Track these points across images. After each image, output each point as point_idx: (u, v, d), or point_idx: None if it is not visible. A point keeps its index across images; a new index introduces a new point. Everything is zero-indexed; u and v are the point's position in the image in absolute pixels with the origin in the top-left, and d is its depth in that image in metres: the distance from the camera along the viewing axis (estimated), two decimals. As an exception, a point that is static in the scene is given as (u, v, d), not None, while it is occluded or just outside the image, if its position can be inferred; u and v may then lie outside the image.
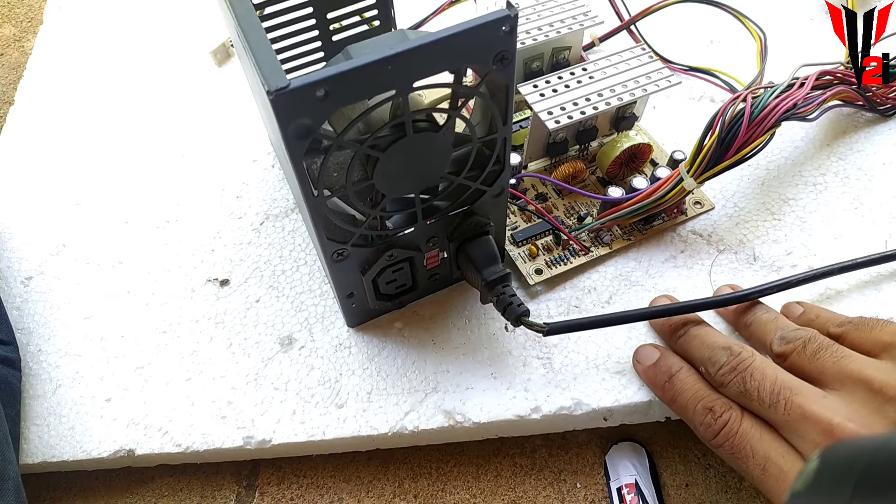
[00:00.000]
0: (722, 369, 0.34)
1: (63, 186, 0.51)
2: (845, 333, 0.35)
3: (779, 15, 0.57)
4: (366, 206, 0.35)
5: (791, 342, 0.34)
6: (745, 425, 0.32)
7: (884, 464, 0.23)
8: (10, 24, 0.68)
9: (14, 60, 0.65)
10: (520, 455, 0.41)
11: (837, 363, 0.32)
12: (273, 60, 0.28)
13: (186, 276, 0.46)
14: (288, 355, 0.42)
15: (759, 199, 0.46)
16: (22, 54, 0.65)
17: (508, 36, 0.30)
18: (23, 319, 0.45)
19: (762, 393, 0.32)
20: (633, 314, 0.38)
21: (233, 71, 0.57)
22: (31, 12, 0.69)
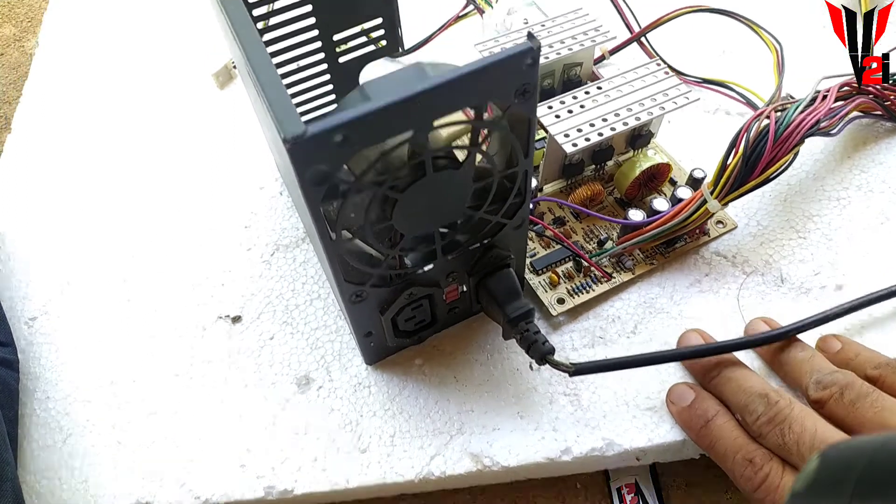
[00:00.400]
0: (759, 420, 0.33)
1: (65, 219, 0.50)
2: (883, 377, 0.34)
3: (790, 23, 0.56)
4: (384, 247, 0.33)
5: (828, 388, 0.33)
6: (787, 479, 0.31)
7: (883, 464, 0.23)
8: (10, 23, 0.67)
9: (14, 60, 0.64)
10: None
11: (878, 415, 0.31)
12: (287, 103, 0.27)
13: (197, 313, 0.45)
14: (306, 396, 0.41)
15: (783, 217, 0.45)
16: (22, 54, 0.64)
17: (531, 69, 0.29)
18: (28, 363, 0.43)
19: (801, 447, 0.31)
20: (662, 355, 0.36)
21: (235, 93, 0.56)
22: (31, 12, 0.68)
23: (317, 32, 0.44)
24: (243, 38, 0.29)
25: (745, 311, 0.41)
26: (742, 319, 0.40)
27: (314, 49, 0.45)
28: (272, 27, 0.42)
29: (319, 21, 0.43)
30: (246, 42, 0.28)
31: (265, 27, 0.42)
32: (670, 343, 0.40)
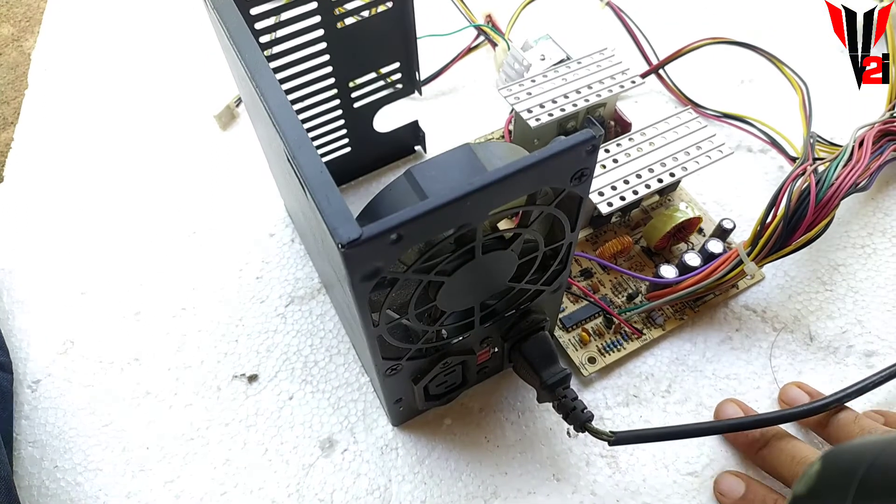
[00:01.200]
0: None
1: (66, 274, 0.47)
2: None
3: (808, 48, 0.56)
4: (424, 324, 0.32)
5: None
6: None
7: (886, 466, 0.23)
8: (9, 23, 0.64)
9: (12, 60, 0.60)
10: None
11: None
12: (339, 204, 0.25)
13: (210, 371, 0.43)
14: (330, 460, 0.39)
15: (809, 267, 0.44)
16: (20, 54, 0.61)
17: (591, 155, 0.27)
18: (34, 430, 0.41)
19: None
20: (704, 427, 0.36)
21: (239, 134, 0.53)
22: (30, 12, 0.65)
23: (333, 80, 0.42)
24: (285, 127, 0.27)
25: (777, 371, 0.40)
26: (775, 381, 0.40)
27: (330, 96, 0.43)
28: (287, 78, 0.40)
29: (336, 69, 0.41)
30: (288, 130, 0.26)
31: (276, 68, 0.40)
32: (705, 403, 0.40)
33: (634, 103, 0.53)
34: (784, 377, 0.40)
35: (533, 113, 0.43)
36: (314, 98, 0.42)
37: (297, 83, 0.41)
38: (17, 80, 0.55)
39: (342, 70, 0.42)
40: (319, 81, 0.42)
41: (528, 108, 0.43)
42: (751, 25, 0.57)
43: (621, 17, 0.53)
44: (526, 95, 0.44)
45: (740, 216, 0.46)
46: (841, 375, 0.40)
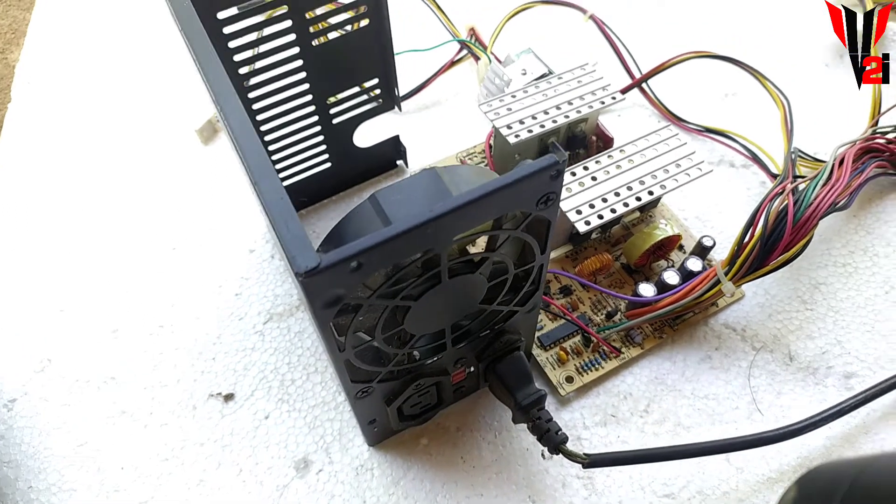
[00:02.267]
0: None
1: (44, 291, 0.47)
2: None
3: (793, 63, 0.55)
4: (394, 348, 0.32)
5: None
6: None
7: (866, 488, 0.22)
8: None
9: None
10: None
11: None
12: (298, 231, 0.25)
13: (186, 391, 0.42)
14: (305, 481, 0.39)
15: (790, 285, 0.44)
16: (5, 66, 0.61)
17: (555, 180, 0.27)
18: (8, 450, 0.41)
19: None
20: (679, 451, 0.35)
21: (220, 149, 0.53)
22: (16, 24, 0.66)
23: (311, 97, 0.42)
24: (247, 152, 0.26)
25: (756, 392, 0.40)
26: (754, 401, 0.40)
27: (308, 112, 0.43)
28: (263, 96, 0.40)
29: (313, 86, 0.41)
30: (250, 157, 0.26)
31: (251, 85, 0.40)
32: (683, 423, 0.39)
33: (617, 117, 0.53)
34: (763, 398, 0.40)
35: (513, 129, 0.43)
36: (292, 115, 0.42)
37: (274, 100, 0.41)
38: (1, 93, 0.55)
39: (319, 86, 0.42)
40: (297, 98, 0.41)
41: (508, 124, 0.43)
42: (734, 40, 0.57)
43: (604, 31, 0.52)
44: (506, 111, 0.43)
45: (721, 233, 0.46)
46: (820, 397, 0.40)
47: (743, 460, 0.38)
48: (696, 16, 0.61)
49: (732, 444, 0.35)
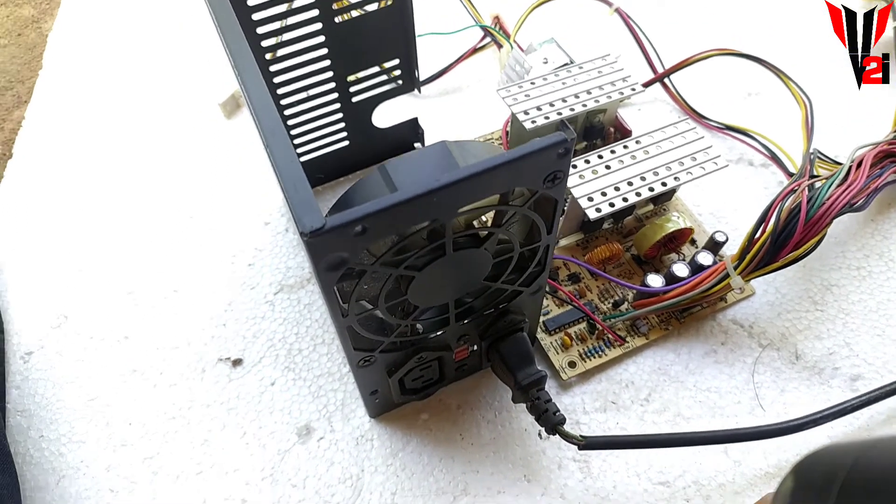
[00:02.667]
0: None
1: (65, 250, 0.48)
2: None
3: (819, 67, 0.55)
4: (397, 318, 0.32)
5: None
6: None
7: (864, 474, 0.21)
8: (30, 5, 0.66)
9: (31, 41, 0.62)
10: None
11: None
12: (306, 193, 0.25)
13: (196, 353, 0.43)
14: (306, 447, 0.40)
15: (802, 285, 0.44)
16: (39, 35, 0.63)
17: (563, 158, 0.27)
18: (23, 400, 0.42)
19: None
20: (676, 438, 0.35)
21: (242, 123, 0.54)
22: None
23: (331, 74, 0.42)
24: (261, 116, 0.27)
25: (760, 388, 0.40)
26: (756, 397, 0.39)
27: (328, 89, 0.43)
28: (284, 70, 0.41)
29: (334, 63, 0.42)
30: (264, 119, 0.27)
31: (273, 58, 0.40)
32: (683, 414, 0.39)
33: (637, 111, 0.53)
34: (766, 394, 0.40)
35: (529, 115, 0.43)
36: (312, 90, 0.43)
37: (295, 75, 0.41)
38: (34, 60, 0.57)
39: (340, 64, 0.42)
40: (317, 74, 0.42)
41: (525, 110, 0.43)
42: (761, 38, 0.56)
43: (629, 25, 0.52)
44: (524, 97, 0.44)
45: (735, 230, 0.45)
46: (824, 397, 0.40)
47: (741, 453, 0.38)
48: (722, 13, 0.60)
49: (731, 436, 0.35)
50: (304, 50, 0.40)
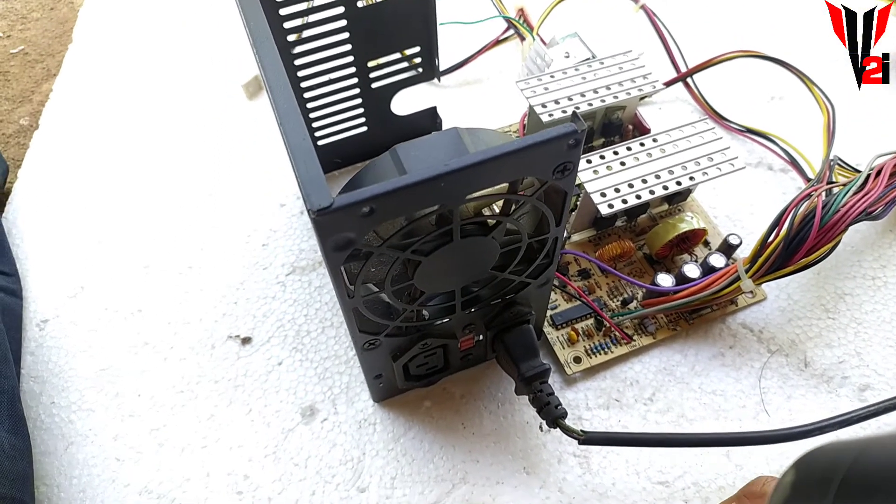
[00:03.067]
0: None
1: (85, 222, 0.49)
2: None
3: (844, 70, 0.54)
4: (403, 302, 0.33)
5: None
6: None
7: (864, 469, 0.21)
8: None
9: (62, 15, 0.63)
10: None
11: None
12: (315, 172, 0.26)
13: (207, 330, 0.44)
14: (309, 428, 0.40)
15: (814, 292, 0.43)
16: (70, 10, 0.64)
17: (573, 149, 0.27)
18: (37, 367, 0.43)
19: None
20: (677, 438, 0.35)
21: (264, 105, 0.55)
22: None
23: (352, 59, 0.42)
24: (276, 94, 0.27)
25: (766, 393, 0.39)
26: (762, 402, 0.39)
27: (348, 74, 0.43)
28: (305, 52, 0.41)
29: (355, 48, 0.42)
30: (279, 98, 0.27)
31: (296, 40, 0.41)
32: (687, 415, 0.39)
33: (658, 110, 0.53)
34: (772, 399, 0.39)
35: (547, 108, 0.43)
36: (332, 74, 0.43)
37: (316, 58, 0.42)
38: (64, 34, 0.58)
39: (361, 49, 0.43)
40: (338, 59, 0.42)
41: (543, 103, 0.43)
42: (786, 42, 0.56)
43: (654, 22, 0.52)
44: (543, 90, 0.44)
45: (750, 233, 0.45)
46: (832, 405, 0.39)
47: (743, 458, 0.37)
48: (749, 15, 0.60)
49: (734, 439, 0.35)
50: (326, 33, 0.41)
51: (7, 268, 0.46)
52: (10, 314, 0.43)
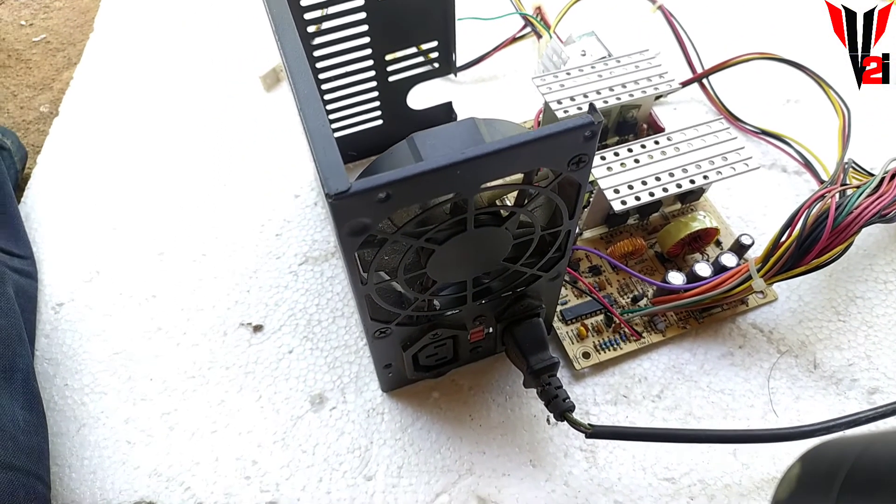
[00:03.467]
0: None
1: (102, 208, 0.50)
2: None
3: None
4: (415, 291, 0.33)
5: None
6: None
7: (869, 465, 0.21)
8: None
9: (84, 5, 0.64)
10: None
11: None
12: (334, 157, 0.26)
13: (220, 317, 0.44)
14: (318, 416, 0.41)
15: (826, 295, 0.43)
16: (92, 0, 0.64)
17: (589, 142, 0.28)
18: (51, 349, 0.44)
19: None
20: (684, 434, 0.35)
21: (281, 97, 0.55)
22: None
23: (370, 52, 0.43)
24: (297, 80, 0.28)
25: (775, 393, 0.39)
26: (770, 402, 0.39)
27: (366, 66, 0.44)
28: (324, 44, 0.41)
29: (373, 41, 0.42)
30: (299, 84, 0.28)
31: (316, 31, 0.41)
32: (694, 413, 0.39)
33: (673, 110, 0.53)
34: (780, 400, 0.39)
35: (562, 105, 0.43)
36: (350, 66, 0.43)
37: (335, 49, 0.42)
38: (86, 24, 0.58)
39: (379, 41, 0.43)
40: (356, 51, 0.43)
41: (558, 100, 0.43)
42: (803, 45, 0.56)
43: (671, 23, 0.52)
44: (558, 87, 0.44)
45: (763, 235, 0.45)
46: (840, 407, 0.39)
47: (750, 456, 0.37)
48: (766, 17, 0.60)
49: (741, 436, 0.35)
50: (345, 25, 0.41)
51: (23, 251, 0.47)
52: (25, 296, 0.44)
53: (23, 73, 0.59)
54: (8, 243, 0.45)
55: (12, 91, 0.58)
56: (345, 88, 0.45)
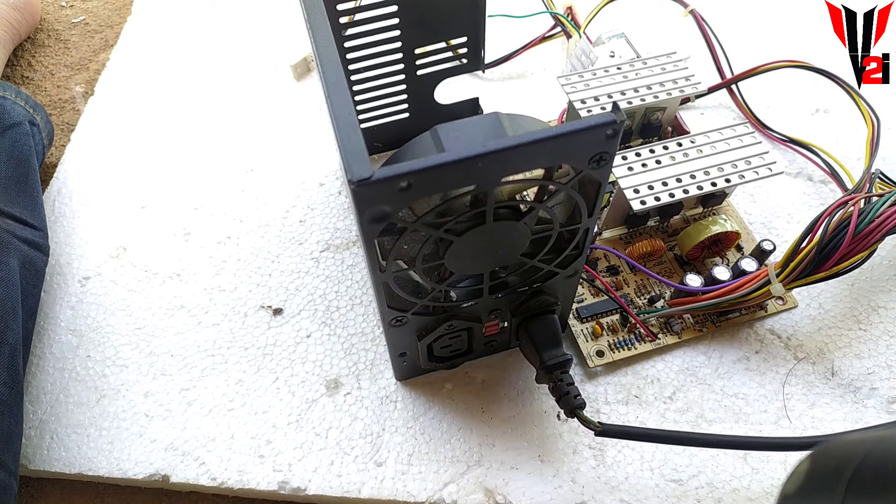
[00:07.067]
0: None
1: (131, 187, 0.51)
2: None
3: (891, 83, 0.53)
4: (432, 281, 0.33)
5: None
6: None
7: (876, 463, 0.22)
8: None
9: (119, 2, 0.65)
10: None
11: None
12: (358, 144, 0.26)
13: (241, 299, 0.45)
14: (333, 400, 0.41)
15: (847, 303, 0.43)
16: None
17: (611, 140, 0.28)
18: (75, 321, 0.45)
19: None
20: (695, 437, 0.35)
21: (311, 86, 0.56)
22: None
23: (399, 45, 0.43)
24: (326, 68, 0.28)
25: (790, 399, 0.39)
26: (784, 408, 0.39)
27: (395, 59, 0.44)
28: (355, 35, 0.42)
29: (404, 34, 0.43)
30: (328, 71, 0.28)
31: (350, 22, 0.42)
32: (706, 416, 0.39)
33: (700, 115, 0.53)
34: (795, 406, 0.39)
35: (586, 104, 0.43)
36: (380, 59, 0.44)
37: (365, 41, 0.43)
38: (124, 7, 0.60)
39: (409, 35, 0.43)
40: (386, 43, 0.43)
41: (583, 99, 0.43)
42: (835, 53, 0.55)
43: (702, 27, 0.52)
44: (583, 87, 0.44)
45: (785, 241, 0.45)
46: (857, 416, 0.39)
47: (760, 461, 0.37)
48: (799, 24, 0.59)
49: (752, 443, 0.35)
50: (376, 17, 0.41)
51: (36, 222, 0.46)
52: (31, 268, 0.44)
53: (61, 53, 0.60)
54: (23, 212, 0.45)
55: (50, 70, 0.59)
56: (373, 80, 0.45)
